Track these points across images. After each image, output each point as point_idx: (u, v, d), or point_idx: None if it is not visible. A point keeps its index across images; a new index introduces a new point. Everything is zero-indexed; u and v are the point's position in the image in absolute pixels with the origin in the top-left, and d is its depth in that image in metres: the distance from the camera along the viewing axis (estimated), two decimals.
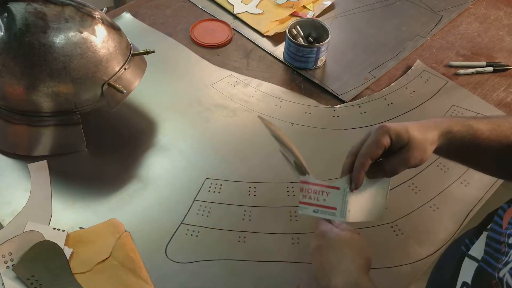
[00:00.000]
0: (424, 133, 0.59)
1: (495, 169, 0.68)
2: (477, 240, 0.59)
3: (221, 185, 0.81)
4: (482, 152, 0.63)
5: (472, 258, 0.56)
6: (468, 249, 0.58)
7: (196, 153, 0.85)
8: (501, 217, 0.54)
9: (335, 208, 0.61)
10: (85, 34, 0.76)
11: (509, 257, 0.49)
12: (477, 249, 0.56)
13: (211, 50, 1.04)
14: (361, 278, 0.56)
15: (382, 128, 0.58)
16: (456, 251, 0.62)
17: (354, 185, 0.59)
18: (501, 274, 0.48)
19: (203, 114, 0.91)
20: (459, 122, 0.62)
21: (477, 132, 0.61)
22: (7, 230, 0.71)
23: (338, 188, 0.60)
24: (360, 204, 0.62)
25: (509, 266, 0.48)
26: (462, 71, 1.03)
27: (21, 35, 0.73)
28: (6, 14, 0.74)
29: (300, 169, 0.63)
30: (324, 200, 0.61)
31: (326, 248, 0.58)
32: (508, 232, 0.51)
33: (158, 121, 0.90)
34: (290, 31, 1.01)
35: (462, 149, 0.62)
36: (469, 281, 0.53)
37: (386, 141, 0.58)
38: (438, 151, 0.61)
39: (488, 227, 0.56)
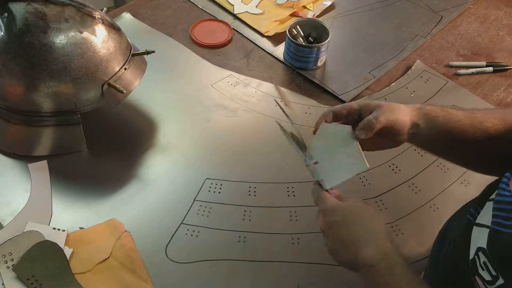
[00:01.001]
0: (396, 105, 0.63)
1: (474, 162, 0.69)
2: (481, 210, 0.58)
3: (221, 185, 0.81)
4: (461, 142, 0.64)
5: (482, 225, 0.55)
6: (475, 218, 0.57)
7: (196, 153, 0.85)
8: (507, 184, 0.54)
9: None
10: (85, 34, 0.76)
11: None
12: (484, 216, 0.55)
13: (211, 50, 1.04)
14: (386, 245, 0.57)
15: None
16: (459, 224, 0.61)
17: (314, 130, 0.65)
18: None
19: (203, 114, 0.91)
20: (434, 106, 0.66)
21: (452, 115, 0.64)
22: (7, 230, 0.72)
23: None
24: (333, 166, 0.63)
25: None
26: (462, 71, 1.03)
27: (21, 35, 0.73)
28: (6, 14, 0.74)
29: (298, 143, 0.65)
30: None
31: (342, 222, 0.59)
32: None
33: (158, 121, 0.90)
34: (290, 31, 1.01)
35: (440, 135, 0.64)
36: (484, 245, 0.52)
37: (351, 105, 0.64)
38: (418, 136, 0.64)
39: (493, 196, 0.56)
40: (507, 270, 0.48)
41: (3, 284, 0.65)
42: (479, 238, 0.54)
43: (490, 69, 1.03)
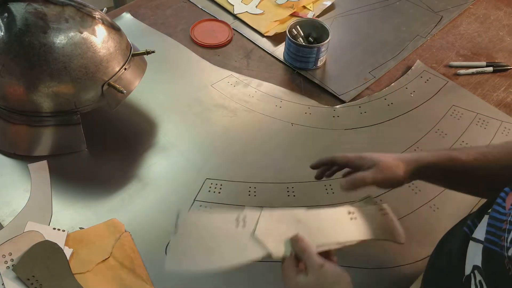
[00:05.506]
0: (395, 162, 0.65)
1: (481, 191, 0.69)
2: (479, 223, 0.58)
3: (221, 185, 0.81)
4: (463, 180, 0.67)
5: (477, 240, 0.55)
6: (472, 231, 0.57)
7: (196, 153, 0.85)
8: (503, 199, 0.54)
9: None
10: (85, 34, 0.76)
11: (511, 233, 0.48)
12: (480, 231, 0.55)
13: (211, 50, 1.04)
14: None
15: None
16: (457, 236, 0.61)
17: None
18: (510, 253, 0.48)
19: (203, 114, 0.91)
20: (433, 153, 0.67)
21: (453, 156, 0.65)
22: (7, 230, 0.72)
23: None
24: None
25: None
26: (462, 71, 1.03)
27: (21, 35, 0.73)
28: (6, 14, 0.74)
29: None
30: None
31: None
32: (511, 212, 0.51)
33: (158, 121, 0.90)
34: (290, 31, 1.01)
35: (439, 179, 0.68)
36: (479, 263, 0.52)
37: (345, 156, 0.69)
38: (416, 174, 0.67)
39: (490, 210, 0.56)
40: None
41: (3, 284, 0.65)
42: (475, 254, 0.53)
43: (490, 69, 1.03)
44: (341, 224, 0.66)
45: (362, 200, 0.72)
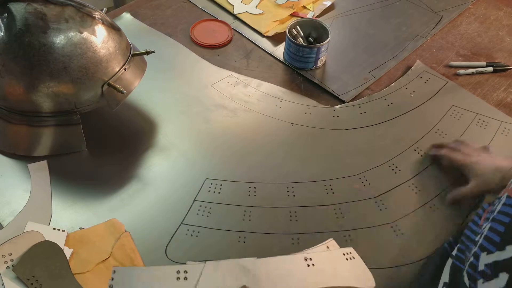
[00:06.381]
0: (491, 169, 0.74)
1: None
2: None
3: (221, 185, 0.81)
4: None
5: (452, 256, 0.55)
6: (452, 248, 0.58)
7: (196, 153, 0.85)
8: (479, 216, 0.54)
9: None
10: (85, 34, 0.76)
11: (471, 252, 0.48)
12: (456, 247, 0.56)
13: (211, 50, 1.04)
14: None
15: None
16: (440, 251, 0.62)
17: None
18: (466, 265, 0.48)
19: (203, 114, 0.91)
20: None
21: None
22: (7, 230, 0.72)
23: None
24: None
25: (468, 262, 0.47)
26: (462, 71, 1.03)
27: (21, 35, 0.73)
28: (6, 14, 0.74)
29: None
30: None
31: None
32: (481, 230, 0.51)
33: (158, 121, 0.90)
34: (290, 31, 1.01)
35: None
36: (447, 279, 0.52)
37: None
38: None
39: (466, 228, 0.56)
40: None
41: (3, 284, 0.65)
42: (447, 270, 0.54)
43: (490, 69, 1.03)
44: (296, 273, 0.61)
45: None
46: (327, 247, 0.67)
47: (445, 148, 0.83)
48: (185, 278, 0.58)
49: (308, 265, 0.62)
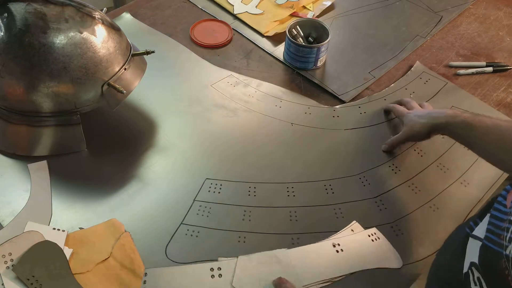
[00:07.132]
0: (419, 121, 0.81)
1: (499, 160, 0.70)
2: (481, 222, 0.58)
3: (221, 185, 0.81)
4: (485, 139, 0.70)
5: (476, 237, 0.55)
6: (472, 230, 0.58)
7: (196, 153, 0.85)
8: (504, 197, 0.54)
9: None
10: (85, 34, 0.76)
11: (511, 232, 0.48)
12: (481, 228, 0.56)
13: (211, 50, 1.04)
14: None
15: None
16: (460, 234, 0.62)
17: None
18: (507, 252, 0.48)
19: (203, 114, 0.91)
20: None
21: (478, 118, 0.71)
22: (7, 230, 0.72)
23: None
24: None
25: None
26: (462, 71, 1.03)
27: (21, 35, 0.73)
28: (6, 14, 0.74)
29: None
30: None
31: None
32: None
33: (158, 121, 0.90)
34: (290, 31, 1.01)
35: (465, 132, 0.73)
36: (476, 260, 0.52)
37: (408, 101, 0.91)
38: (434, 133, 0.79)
39: (491, 209, 0.56)
40: None
41: (3, 284, 0.65)
42: (473, 251, 0.53)
43: (490, 69, 1.03)
44: (326, 259, 0.63)
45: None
46: (352, 230, 0.68)
47: (397, 103, 0.93)
48: (220, 275, 0.58)
49: (337, 251, 0.65)
